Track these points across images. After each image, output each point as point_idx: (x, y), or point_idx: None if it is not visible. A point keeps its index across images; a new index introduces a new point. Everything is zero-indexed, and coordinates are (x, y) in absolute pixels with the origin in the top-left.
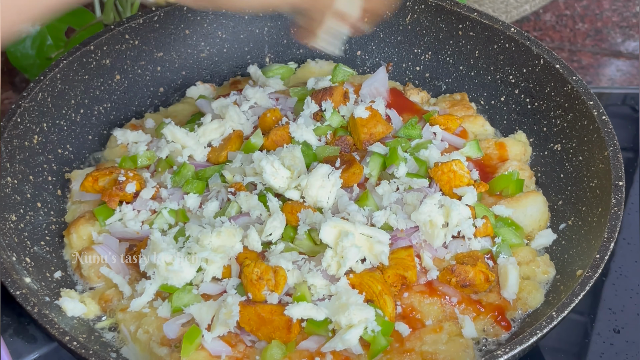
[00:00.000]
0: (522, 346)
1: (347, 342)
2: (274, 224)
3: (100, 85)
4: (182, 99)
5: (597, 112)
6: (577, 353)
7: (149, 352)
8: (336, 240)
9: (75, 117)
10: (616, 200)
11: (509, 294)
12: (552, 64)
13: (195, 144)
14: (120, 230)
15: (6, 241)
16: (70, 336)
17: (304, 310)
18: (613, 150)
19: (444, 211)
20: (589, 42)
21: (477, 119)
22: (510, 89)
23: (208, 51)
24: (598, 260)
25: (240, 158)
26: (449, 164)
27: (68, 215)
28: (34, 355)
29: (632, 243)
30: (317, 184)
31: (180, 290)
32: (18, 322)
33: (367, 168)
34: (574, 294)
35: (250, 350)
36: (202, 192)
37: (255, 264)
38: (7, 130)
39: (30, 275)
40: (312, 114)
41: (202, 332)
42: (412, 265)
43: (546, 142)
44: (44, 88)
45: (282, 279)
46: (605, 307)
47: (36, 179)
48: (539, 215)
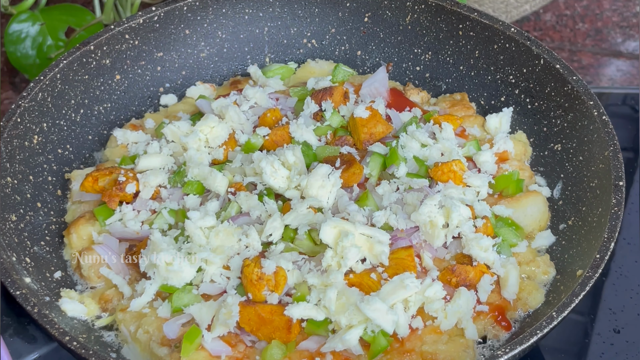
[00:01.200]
0: (522, 346)
1: (347, 342)
2: (274, 224)
3: (100, 85)
4: (182, 99)
5: (597, 112)
6: (577, 353)
7: (149, 352)
8: (336, 240)
9: (75, 117)
10: (616, 200)
11: (509, 294)
12: (552, 64)
13: (198, 147)
14: (120, 230)
15: (6, 241)
16: (70, 336)
17: (304, 310)
18: (613, 150)
19: (444, 212)
20: (589, 42)
21: (477, 119)
22: (510, 89)
23: (208, 51)
24: (598, 260)
25: (240, 158)
26: (449, 164)
27: (68, 215)
28: (34, 355)
29: (632, 243)
30: (317, 184)
31: (180, 290)
32: (18, 322)
33: (367, 168)
34: (574, 294)
35: (250, 350)
36: (202, 193)
37: (255, 264)
38: (7, 130)
39: (30, 275)
40: (312, 114)
41: (202, 332)
42: (412, 265)
43: (546, 142)
44: (44, 88)
45: (282, 279)
46: (605, 307)
47: (36, 179)
48: (539, 215)
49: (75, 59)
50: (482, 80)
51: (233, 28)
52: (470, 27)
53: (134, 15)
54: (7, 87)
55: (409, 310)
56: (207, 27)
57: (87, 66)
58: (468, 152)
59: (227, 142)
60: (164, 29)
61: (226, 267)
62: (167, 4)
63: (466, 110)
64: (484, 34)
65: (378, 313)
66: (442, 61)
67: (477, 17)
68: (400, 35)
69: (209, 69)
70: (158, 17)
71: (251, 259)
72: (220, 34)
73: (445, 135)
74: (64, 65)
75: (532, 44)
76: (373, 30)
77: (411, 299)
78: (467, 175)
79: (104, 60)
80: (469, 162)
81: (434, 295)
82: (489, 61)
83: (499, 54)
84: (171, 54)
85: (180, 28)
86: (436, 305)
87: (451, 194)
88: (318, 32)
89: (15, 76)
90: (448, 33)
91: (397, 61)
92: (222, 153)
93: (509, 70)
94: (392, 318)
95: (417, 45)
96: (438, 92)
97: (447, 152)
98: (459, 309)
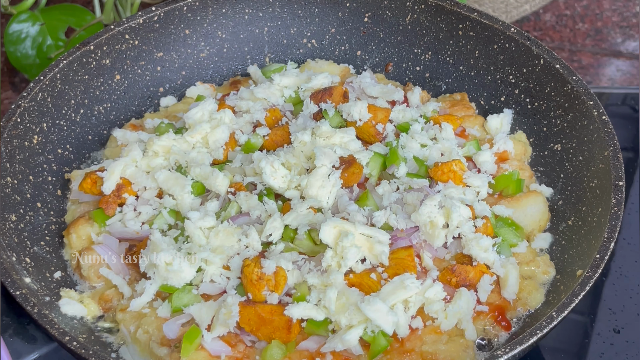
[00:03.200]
0: (522, 346)
1: (347, 342)
2: (273, 224)
3: (100, 85)
4: (182, 99)
5: (597, 112)
6: (577, 353)
7: (149, 352)
8: (336, 240)
9: (75, 117)
10: (616, 200)
11: (509, 294)
12: (552, 64)
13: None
14: (120, 230)
15: (6, 241)
16: (70, 336)
17: (304, 310)
18: (613, 150)
19: (444, 212)
20: (589, 42)
21: (477, 119)
22: (510, 89)
23: (208, 51)
24: (598, 260)
25: (240, 158)
26: (449, 164)
27: (68, 215)
28: (34, 355)
29: (632, 243)
30: (317, 184)
31: (180, 290)
32: (18, 322)
33: (367, 168)
34: (574, 294)
35: (250, 350)
36: (202, 193)
37: (255, 264)
38: (7, 130)
39: (30, 275)
40: (312, 114)
41: (202, 332)
42: (412, 265)
43: (546, 142)
44: (44, 88)
45: (282, 279)
46: (605, 307)
47: (36, 179)
48: (539, 215)
49: (75, 59)
50: (482, 80)
51: (233, 28)
52: (470, 27)
53: (134, 15)
54: (7, 87)
55: (409, 310)
56: (207, 27)
57: (87, 66)
58: (468, 152)
59: (227, 143)
60: (164, 29)
61: (226, 267)
62: (167, 4)
63: (466, 110)
64: (484, 34)
65: (378, 314)
66: (442, 61)
67: (477, 17)
68: (400, 35)
69: (209, 69)
70: (158, 17)
71: (251, 259)
72: (220, 34)
73: (445, 135)
74: (64, 65)
75: (532, 44)
76: (373, 30)
77: (411, 300)
78: (467, 175)
79: (104, 60)
80: (469, 162)
81: (434, 296)
82: (489, 61)
83: (499, 54)
84: (171, 54)
85: (180, 28)
86: (436, 307)
87: (451, 194)
88: (318, 32)
89: (15, 76)
90: (448, 33)
91: (397, 61)
92: (222, 153)
93: (509, 70)
94: (392, 319)
95: (417, 45)
96: (438, 92)
97: (447, 152)
98: (459, 310)
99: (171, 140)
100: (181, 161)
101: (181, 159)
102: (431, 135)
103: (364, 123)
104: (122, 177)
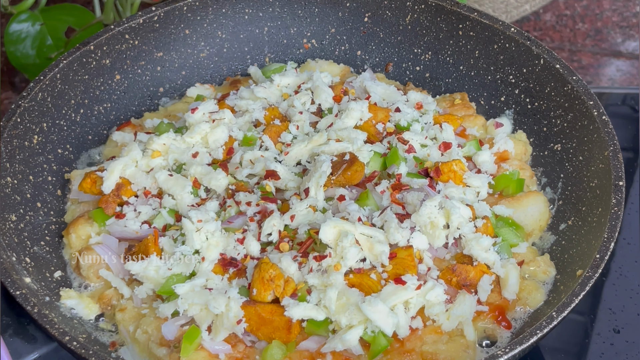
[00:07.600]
0: (522, 346)
1: (347, 342)
2: (271, 223)
3: (100, 85)
4: (182, 99)
5: (597, 112)
6: (577, 353)
7: (148, 353)
8: (336, 240)
9: (75, 117)
10: (616, 200)
11: (509, 293)
12: (552, 64)
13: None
14: (120, 230)
15: (6, 241)
16: (70, 336)
17: (304, 310)
18: (613, 150)
19: (444, 212)
20: (589, 42)
21: (477, 119)
22: (510, 89)
23: (208, 51)
24: (598, 260)
25: (239, 153)
26: (449, 164)
27: (67, 215)
28: (34, 355)
29: (632, 243)
30: (316, 184)
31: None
32: (18, 322)
33: (368, 168)
34: (574, 294)
35: (250, 350)
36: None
37: (271, 265)
38: (7, 130)
39: (30, 275)
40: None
41: (201, 332)
42: (412, 265)
43: (546, 142)
44: (44, 88)
45: (290, 289)
46: (605, 307)
47: (36, 179)
48: (539, 215)
49: (75, 59)
50: (482, 80)
51: (233, 28)
52: (470, 27)
53: (134, 15)
54: (7, 87)
55: (409, 311)
56: (207, 27)
57: (87, 66)
58: (468, 152)
59: (227, 143)
60: (164, 29)
61: (226, 268)
62: (167, 4)
63: (466, 110)
64: (484, 34)
65: (379, 315)
66: (442, 61)
67: (477, 17)
68: (400, 35)
69: (208, 69)
70: (158, 17)
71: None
72: (220, 34)
73: (445, 136)
74: (64, 65)
75: (532, 44)
76: (373, 30)
77: (412, 301)
78: (467, 175)
79: (104, 60)
80: (469, 162)
81: (435, 298)
82: (489, 61)
83: (499, 54)
84: (171, 54)
85: (180, 28)
86: (437, 309)
87: (451, 194)
88: (318, 32)
89: (15, 76)
90: (448, 33)
91: (397, 61)
92: (222, 153)
93: (509, 70)
94: (392, 321)
95: (417, 45)
96: (438, 92)
97: (447, 152)
98: (462, 314)
99: (171, 140)
100: (180, 160)
101: (180, 158)
102: (431, 135)
103: (364, 123)
104: (122, 176)
